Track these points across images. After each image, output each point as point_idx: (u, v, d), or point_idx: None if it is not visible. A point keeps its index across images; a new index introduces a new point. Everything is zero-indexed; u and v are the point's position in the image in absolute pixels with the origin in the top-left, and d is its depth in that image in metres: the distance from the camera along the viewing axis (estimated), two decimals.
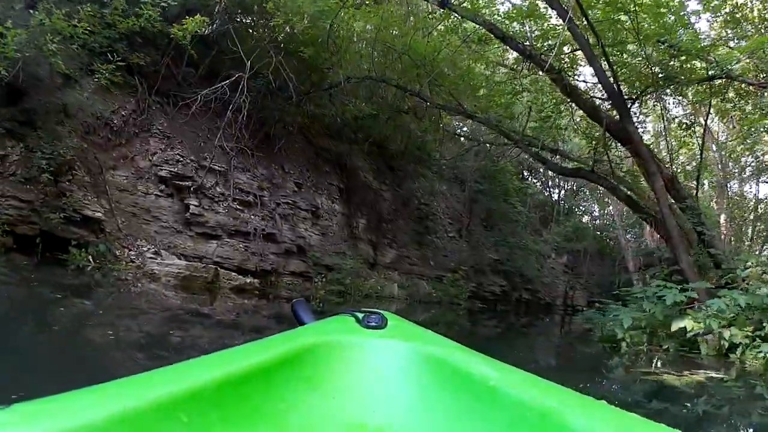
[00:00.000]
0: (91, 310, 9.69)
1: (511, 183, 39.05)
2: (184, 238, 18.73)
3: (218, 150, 19.84)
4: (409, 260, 29.57)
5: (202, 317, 11.39)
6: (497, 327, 21.46)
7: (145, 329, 8.69)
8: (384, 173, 29.99)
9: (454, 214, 35.64)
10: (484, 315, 25.60)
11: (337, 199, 26.15)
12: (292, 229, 22.60)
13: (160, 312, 10.97)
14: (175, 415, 1.22)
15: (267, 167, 22.36)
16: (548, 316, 35.14)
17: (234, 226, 19.93)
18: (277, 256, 21.57)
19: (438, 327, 15.47)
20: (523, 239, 37.19)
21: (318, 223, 24.44)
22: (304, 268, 22.71)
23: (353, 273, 23.37)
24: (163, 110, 18.76)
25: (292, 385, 1.72)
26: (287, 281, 21.99)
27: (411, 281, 28.33)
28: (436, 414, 1.74)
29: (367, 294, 23.25)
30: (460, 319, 21.67)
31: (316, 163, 25.45)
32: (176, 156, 18.69)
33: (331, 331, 2.24)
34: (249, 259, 20.11)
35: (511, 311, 32.51)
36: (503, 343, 15.50)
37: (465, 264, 31.39)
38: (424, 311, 22.57)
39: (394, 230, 29.13)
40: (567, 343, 19.36)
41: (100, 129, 16.38)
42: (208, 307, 13.32)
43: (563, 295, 44.47)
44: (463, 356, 1.96)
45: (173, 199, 18.71)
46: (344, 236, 26.09)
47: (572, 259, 46.60)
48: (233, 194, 20.21)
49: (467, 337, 15.27)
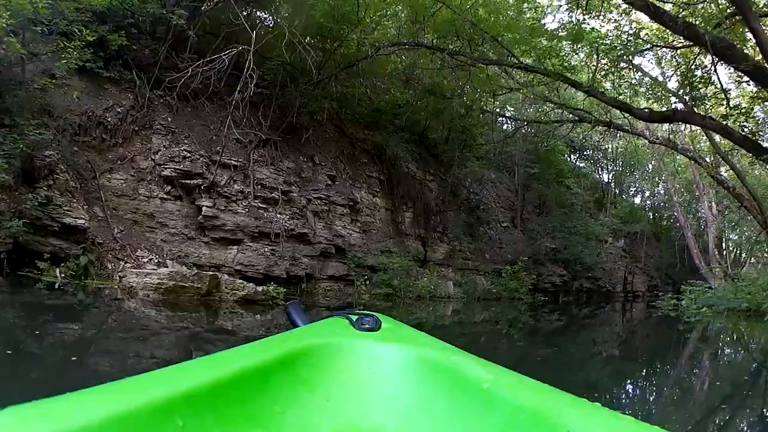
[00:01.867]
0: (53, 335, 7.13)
1: (565, 163, 35.88)
2: (197, 245, 15.64)
3: (234, 143, 16.89)
4: (463, 254, 26.36)
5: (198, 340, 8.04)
6: (559, 320, 19.13)
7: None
8: (427, 162, 26.57)
9: (505, 202, 32.34)
10: (545, 309, 22.67)
11: (378, 192, 22.84)
12: (328, 228, 19.15)
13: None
14: (170, 418, 1.15)
15: (294, 160, 19.00)
16: (609, 304, 32.23)
17: (257, 227, 16.51)
18: (312, 258, 18.09)
19: (500, 326, 15.09)
20: (581, 224, 33.86)
21: (357, 219, 21.04)
22: (344, 270, 19.26)
23: (402, 272, 20.34)
24: (167, 104, 16.38)
25: (286, 387, 1.64)
26: (325, 287, 18.54)
27: (467, 277, 25.19)
28: (430, 416, 1.66)
29: (419, 295, 20.33)
30: (521, 316, 18.84)
31: (351, 154, 22.09)
32: (182, 152, 15.67)
33: (325, 333, 2.13)
34: (277, 265, 16.55)
35: (572, 302, 29.91)
36: (567, 338, 13.60)
37: (522, 255, 27.94)
38: (483, 309, 20.09)
39: (444, 223, 25.91)
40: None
41: (92, 129, 14.59)
42: (204, 325, 9.84)
43: (622, 281, 40.35)
44: (457, 358, 1.89)
45: (182, 202, 15.78)
46: (389, 232, 22.84)
47: (628, 243, 42.86)
48: (254, 191, 16.80)
49: (530, 334, 13.85)
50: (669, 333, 16.81)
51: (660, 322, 20.25)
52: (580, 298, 32.96)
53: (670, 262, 44.90)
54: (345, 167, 21.33)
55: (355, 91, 21.53)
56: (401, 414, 1.70)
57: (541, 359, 9.16)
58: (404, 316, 13.44)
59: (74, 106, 14.03)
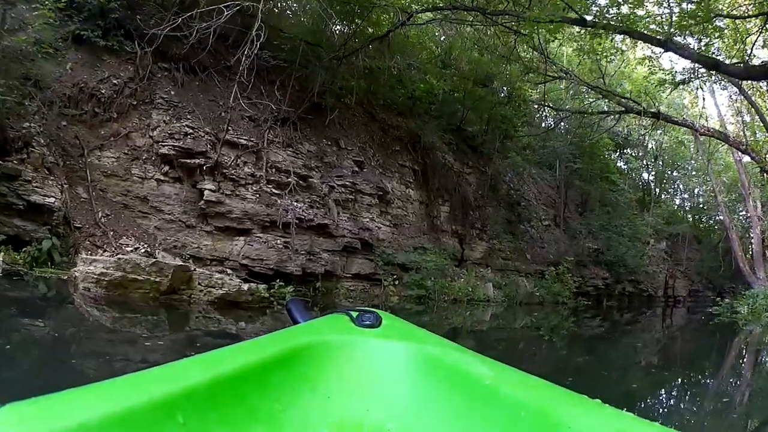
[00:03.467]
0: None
1: (611, 157, 33.30)
2: (197, 234, 13.14)
3: (246, 121, 14.51)
4: (503, 254, 23.18)
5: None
6: (601, 326, 16.76)
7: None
8: (465, 153, 23.72)
9: (546, 199, 29.37)
10: (587, 314, 20.35)
11: (412, 183, 20.00)
12: (353, 219, 16.27)
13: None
14: (171, 414, 1.13)
15: (316, 142, 16.25)
16: (650, 309, 28.77)
17: (268, 215, 13.65)
18: (333, 254, 15.19)
19: (541, 332, 13.39)
20: (627, 223, 30.99)
21: (388, 211, 18.17)
22: (370, 268, 16.34)
23: (436, 272, 17.46)
24: (171, 78, 13.99)
25: (287, 384, 1.58)
26: (348, 286, 15.66)
27: (507, 279, 21.90)
28: (430, 413, 1.59)
29: (455, 298, 17.61)
30: (564, 322, 16.65)
31: (382, 141, 19.28)
32: (185, 128, 13.14)
33: (325, 330, 2.06)
34: (290, 260, 13.65)
35: (616, 307, 26.64)
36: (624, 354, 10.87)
37: (565, 255, 24.94)
38: (525, 314, 17.57)
39: (482, 219, 22.80)
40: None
41: (83, 102, 12.45)
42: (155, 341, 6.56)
43: (663, 286, 37.04)
44: (458, 355, 1.84)
45: (182, 185, 13.24)
46: (423, 228, 19.99)
47: (670, 245, 39.73)
48: (267, 175, 14.03)
49: (574, 339, 12.57)
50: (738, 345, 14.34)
51: (719, 330, 17.67)
52: (622, 302, 29.85)
53: (711, 266, 41.73)
54: (375, 154, 18.50)
55: (386, 71, 18.72)
56: (402, 411, 1.62)
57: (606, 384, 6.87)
58: (437, 323, 12.32)
59: (66, 77, 12.24)
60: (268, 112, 14.75)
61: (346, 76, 17.54)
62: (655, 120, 24.86)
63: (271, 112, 14.79)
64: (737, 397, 6.76)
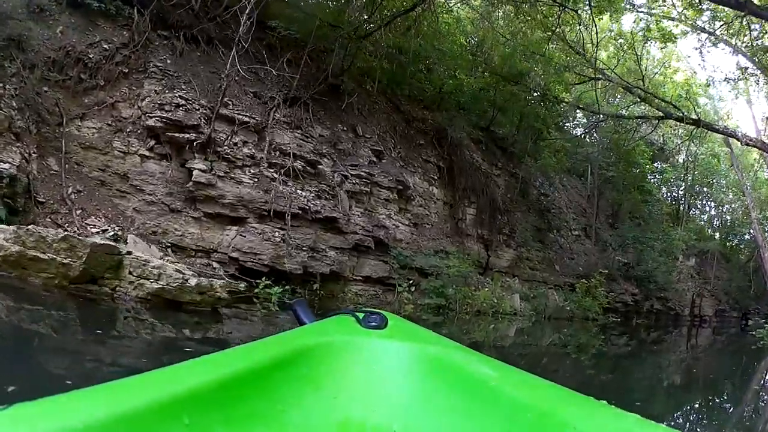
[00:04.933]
0: None
1: (647, 165, 30.44)
2: (182, 220, 10.91)
3: (251, 97, 12.46)
4: (530, 263, 20.86)
5: None
6: (628, 345, 15.25)
7: None
8: (494, 153, 21.51)
9: (577, 208, 27.11)
10: (615, 331, 18.36)
11: (436, 181, 17.62)
12: (367, 215, 13.86)
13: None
14: (176, 415, 1.07)
15: (330, 126, 13.96)
16: (677, 328, 26.85)
17: (266, 203, 11.29)
18: (341, 252, 12.69)
19: (568, 349, 12.11)
20: (660, 237, 28.47)
21: (407, 209, 15.76)
22: (384, 271, 13.80)
23: (459, 280, 15.08)
24: (170, 46, 12.09)
25: (293, 385, 1.52)
26: (357, 290, 13.18)
27: (536, 290, 19.56)
28: (436, 414, 1.54)
29: (478, 310, 15.23)
30: (594, 339, 15.01)
31: (405, 133, 16.97)
32: (177, 98, 11.08)
33: (331, 331, 1.99)
34: (289, 256, 11.25)
35: (646, 325, 24.47)
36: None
37: (596, 268, 22.40)
38: (553, 330, 15.65)
39: (511, 224, 20.39)
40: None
41: (69, 67, 10.67)
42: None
43: (690, 304, 34.20)
44: (464, 356, 1.81)
45: (169, 163, 11.06)
46: (446, 230, 17.59)
47: (698, 262, 36.80)
48: (270, 157, 11.80)
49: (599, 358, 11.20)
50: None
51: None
52: (649, 319, 27.54)
53: (739, 285, 39.46)
54: (396, 145, 16.14)
55: (410, 55, 17.20)
56: (407, 412, 1.56)
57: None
58: (456, 337, 8.80)
59: (54, 40, 10.69)
60: (276, 89, 12.73)
61: (368, 57, 15.59)
62: (695, 127, 22.68)
63: (279, 90, 12.76)
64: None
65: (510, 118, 22.22)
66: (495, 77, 20.34)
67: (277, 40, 13.25)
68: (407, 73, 18.01)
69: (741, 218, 41.72)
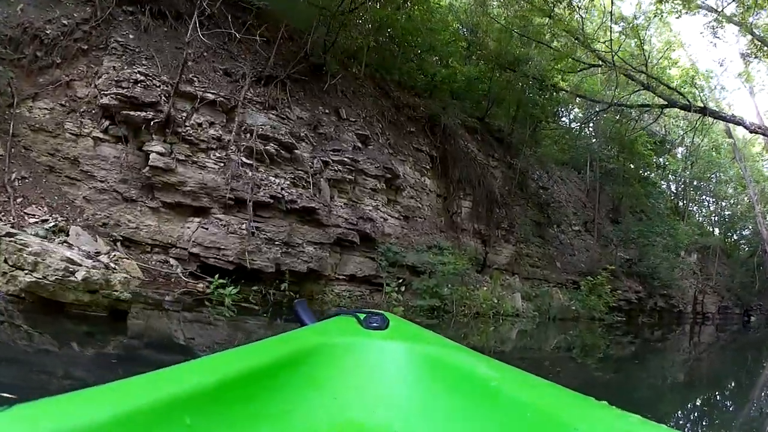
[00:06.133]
0: None
1: (651, 156, 29.23)
2: (137, 211, 9.61)
3: (221, 75, 11.06)
4: (530, 260, 19.53)
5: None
6: (632, 344, 14.65)
7: None
8: (490, 144, 20.09)
9: (576, 203, 25.76)
10: (620, 331, 17.44)
11: (428, 171, 16.18)
12: (351, 206, 12.35)
13: None
14: (177, 416, 1.06)
15: (310, 109, 12.50)
16: (680, 326, 26.13)
17: (233, 191, 9.80)
18: (321, 247, 11.11)
19: (574, 350, 11.43)
20: (664, 231, 26.64)
21: (397, 200, 14.29)
22: (371, 269, 12.30)
23: (454, 278, 13.59)
24: (135, 21, 10.82)
25: (294, 386, 1.50)
26: (340, 291, 11.67)
27: (538, 289, 18.16)
28: (437, 414, 1.51)
29: (477, 312, 13.79)
30: (599, 340, 14.05)
31: (394, 119, 15.51)
32: (136, 74, 9.73)
33: (332, 332, 1.94)
34: (259, 251, 9.75)
35: (655, 324, 23.79)
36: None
37: (599, 265, 21.05)
38: (558, 332, 14.42)
39: (509, 219, 18.89)
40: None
41: (25, 44, 9.64)
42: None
43: (692, 301, 32.73)
44: (465, 357, 1.78)
45: (125, 146, 9.71)
46: (439, 224, 16.15)
47: (700, 258, 36.26)
48: (239, 139, 10.30)
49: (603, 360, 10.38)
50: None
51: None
52: (653, 317, 26.52)
53: (742, 281, 38.41)
54: (384, 131, 14.64)
55: (399, 28, 16.17)
56: (409, 412, 1.53)
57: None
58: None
59: (13, 17, 9.76)
60: (251, 67, 11.34)
61: (353, 36, 14.62)
62: (701, 116, 21.78)
63: (254, 68, 11.40)
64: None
65: (506, 109, 21.25)
66: (490, 65, 19.43)
67: (255, 17, 11.83)
68: (397, 58, 17.02)
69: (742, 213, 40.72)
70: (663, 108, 21.95)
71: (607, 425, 1.17)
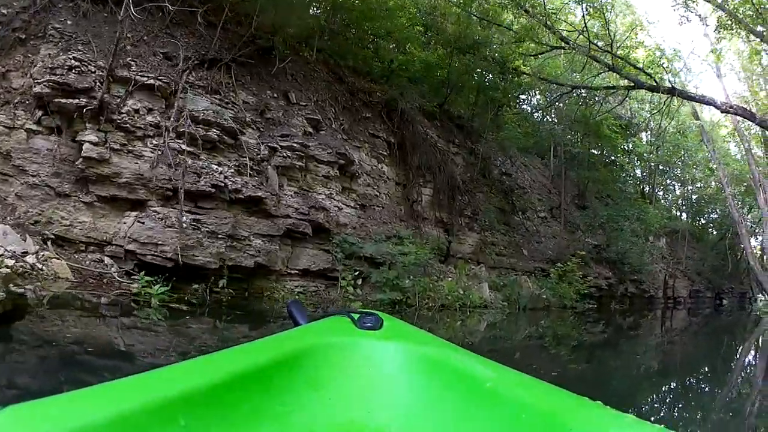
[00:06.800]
0: None
1: (617, 139, 29.34)
2: (71, 206, 9.01)
3: (160, 59, 10.33)
4: (496, 248, 19.02)
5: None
6: (604, 332, 14.45)
7: None
8: (450, 130, 19.60)
9: (541, 189, 25.39)
10: (590, 318, 17.31)
11: (386, 158, 15.57)
12: (302, 195, 11.68)
13: None
14: (172, 417, 1.09)
15: (257, 93, 11.83)
16: (652, 311, 26.67)
17: (172, 181, 9.18)
18: (270, 240, 10.49)
19: (546, 340, 11.26)
20: (635, 214, 26.96)
21: (352, 188, 13.67)
22: (325, 262, 11.67)
23: (416, 269, 13.04)
24: (74, 7, 10.12)
25: (289, 386, 1.54)
26: (293, 287, 11.00)
27: (506, 278, 17.61)
28: (432, 414, 1.57)
29: (443, 304, 13.18)
30: (572, 330, 13.83)
31: (349, 105, 14.84)
32: (71, 60, 9.10)
33: (327, 332, 1.99)
34: (202, 246, 9.14)
35: (627, 311, 23.83)
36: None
37: (566, 252, 21.03)
38: (529, 323, 14.04)
39: (473, 206, 18.49)
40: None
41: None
42: None
43: (662, 285, 32.60)
44: (460, 357, 1.80)
45: (58, 137, 9.14)
46: (399, 213, 15.57)
47: (668, 242, 35.83)
48: (178, 126, 9.58)
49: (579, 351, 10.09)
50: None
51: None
52: (624, 303, 26.50)
53: (713, 265, 39.00)
54: (337, 116, 14.00)
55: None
56: (404, 412, 1.59)
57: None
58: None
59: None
60: (193, 50, 10.76)
61: (305, 17, 13.92)
62: (669, 96, 21.19)
63: (196, 51, 10.79)
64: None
65: (465, 97, 20.90)
66: (449, 50, 18.96)
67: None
68: (352, 44, 16.72)
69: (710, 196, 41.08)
70: (629, 90, 21.56)
71: (602, 425, 1.19)
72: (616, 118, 28.58)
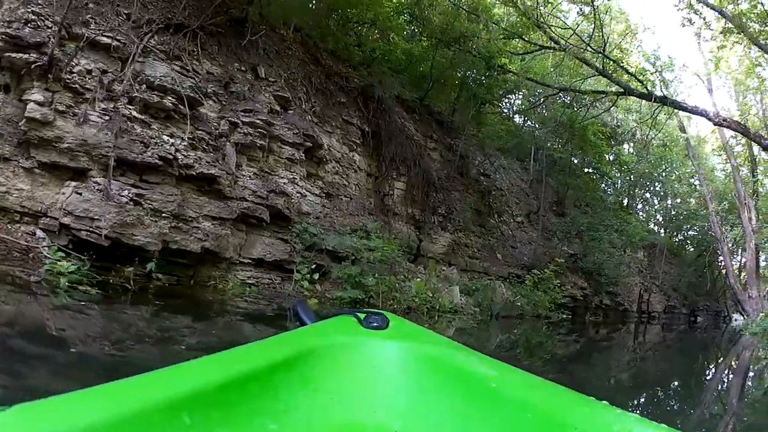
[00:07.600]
0: None
1: (602, 147, 28.62)
2: (11, 172, 8.13)
3: (123, 19, 9.48)
4: (469, 251, 18.53)
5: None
6: (577, 342, 14.33)
7: None
8: (429, 124, 19.02)
9: (519, 193, 24.96)
10: (564, 329, 16.87)
11: (358, 147, 14.88)
12: (263, 176, 10.91)
13: None
14: (177, 416, 1.10)
15: (223, 64, 11.05)
16: (625, 325, 25.90)
17: (121, 150, 8.33)
18: (222, 224, 9.66)
19: (518, 350, 10.96)
20: (615, 224, 27.05)
21: (319, 174, 12.91)
22: (282, 252, 10.81)
23: (382, 267, 12.22)
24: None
25: (294, 385, 1.55)
26: (245, 277, 10.19)
27: (478, 282, 16.94)
28: (437, 414, 1.59)
29: (409, 306, 12.42)
30: (545, 340, 13.45)
31: (323, 87, 14.05)
32: (27, 14, 8.33)
33: (333, 332, 2.04)
34: (143, 224, 8.31)
35: (601, 323, 23.53)
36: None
37: (541, 259, 20.74)
38: (501, 331, 13.43)
39: (447, 204, 17.79)
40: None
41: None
42: None
43: (637, 299, 32.51)
44: (465, 357, 1.85)
45: (6, 95, 8.32)
46: (368, 206, 14.91)
47: (645, 256, 36.42)
48: (132, 91, 8.79)
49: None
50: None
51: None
52: (598, 315, 26.18)
53: (690, 281, 39.26)
54: (309, 97, 13.21)
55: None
56: (409, 412, 1.61)
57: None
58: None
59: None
60: (159, 14, 9.97)
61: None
62: (661, 105, 21.14)
63: (162, 14, 10.02)
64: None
65: (447, 92, 20.71)
66: (433, 42, 18.72)
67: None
68: (333, 28, 16.26)
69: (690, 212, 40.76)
70: (619, 96, 21.35)
71: (607, 425, 1.20)
72: (602, 124, 28.29)
